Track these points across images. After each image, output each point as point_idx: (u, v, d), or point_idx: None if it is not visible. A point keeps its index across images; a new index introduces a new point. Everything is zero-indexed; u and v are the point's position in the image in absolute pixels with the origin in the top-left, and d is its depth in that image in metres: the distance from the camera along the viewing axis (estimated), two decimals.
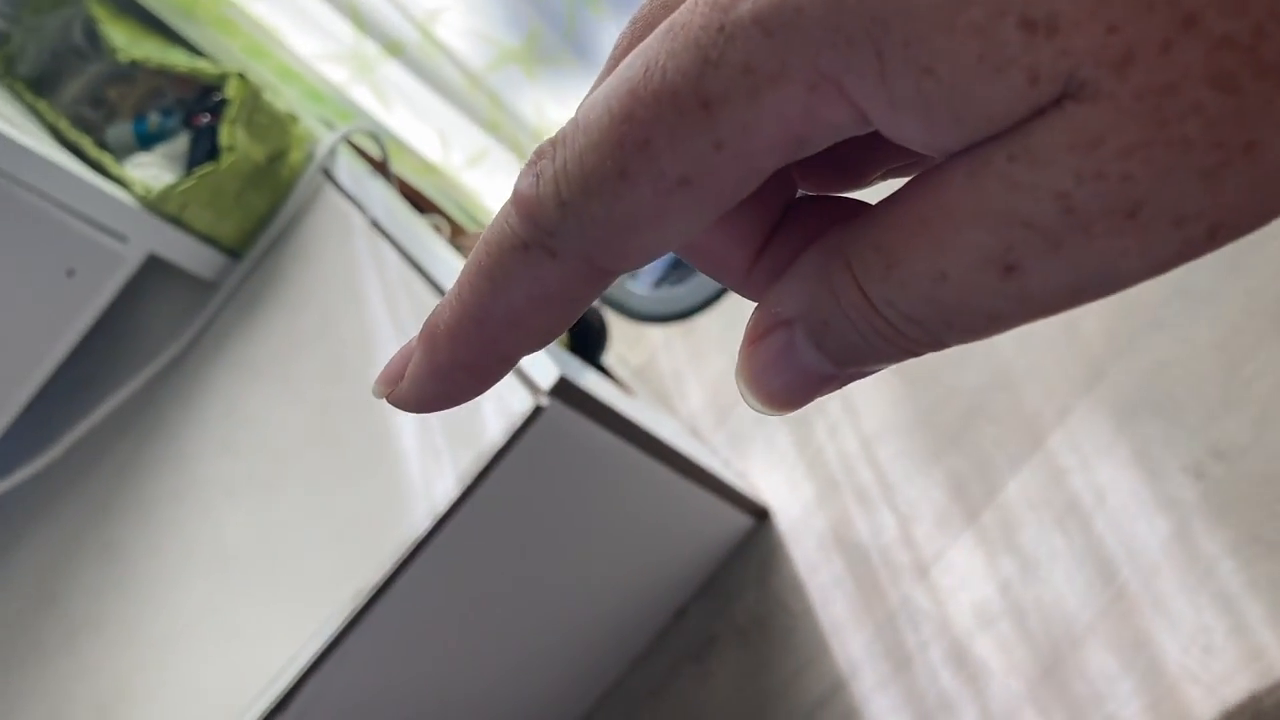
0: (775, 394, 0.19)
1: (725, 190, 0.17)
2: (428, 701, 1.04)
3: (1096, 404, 1.16)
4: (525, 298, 0.19)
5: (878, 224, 0.17)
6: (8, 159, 0.81)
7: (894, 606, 1.17)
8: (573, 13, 1.18)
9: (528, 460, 0.85)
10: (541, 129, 1.33)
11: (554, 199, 0.17)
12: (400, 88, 1.17)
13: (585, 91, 0.86)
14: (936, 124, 0.15)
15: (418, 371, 0.21)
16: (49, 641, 0.94)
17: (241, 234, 0.96)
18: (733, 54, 0.15)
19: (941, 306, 0.16)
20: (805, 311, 0.18)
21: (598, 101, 0.17)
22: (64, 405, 0.98)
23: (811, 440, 1.28)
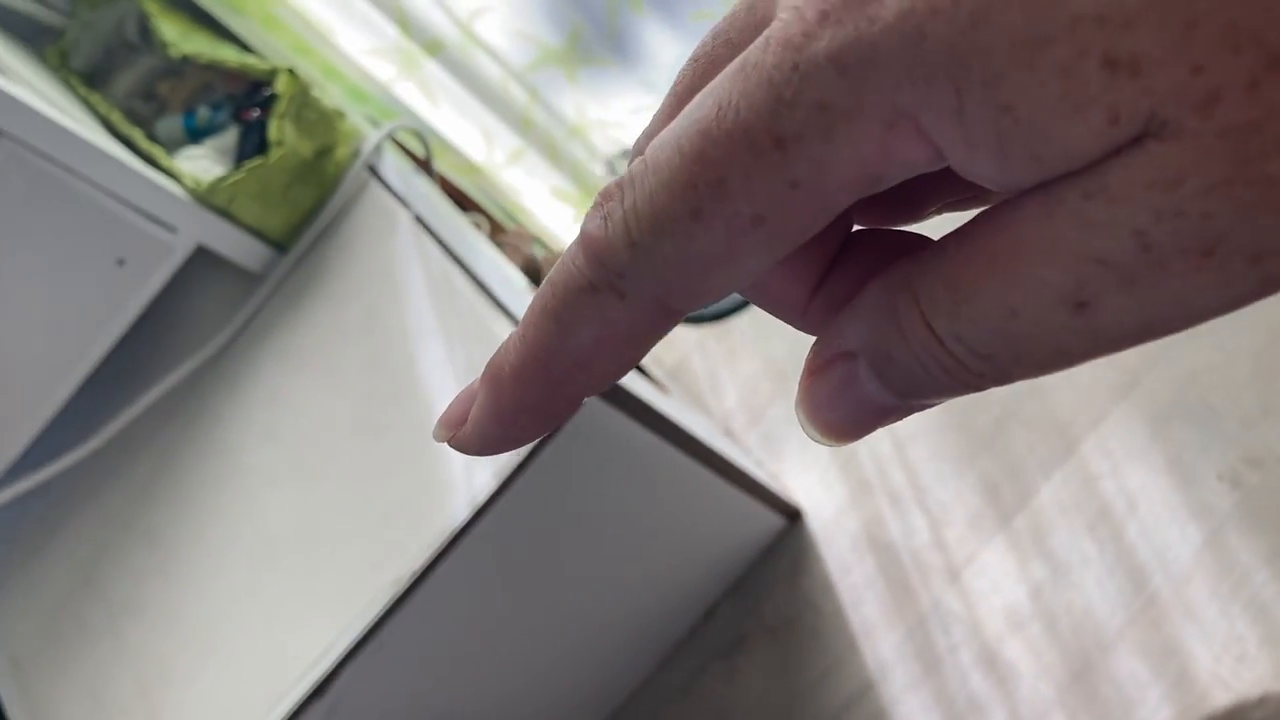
0: (834, 425, 0.19)
1: (798, 228, 0.17)
2: (460, 691, 1.05)
3: (1131, 410, 1.16)
4: (593, 340, 0.19)
5: (947, 260, 0.17)
6: (63, 149, 0.83)
7: (925, 609, 1.17)
8: (614, 10, 1.19)
9: (565, 454, 0.86)
10: (582, 127, 1.34)
11: (624, 240, 0.17)
12: (446, 84, 1.19)
13: (625, 92, 0.89)
14: (1012, 162, 0.15)
15: (481, 414, 0.20)
16: (92, 623, 0.96)
17: (288, 227, 0.98)
18: (807, 92, 0.15)
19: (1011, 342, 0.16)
20: (869, 345, 0.18)
21: (667, 141, 0.17)
22: (111, 393, 1.00)
23: (846, 445, 1.28)
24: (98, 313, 0.91)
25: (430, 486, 0.85)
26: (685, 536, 1.15)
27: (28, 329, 0.88)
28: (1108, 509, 1.14)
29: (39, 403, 0.92)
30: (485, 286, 0.89)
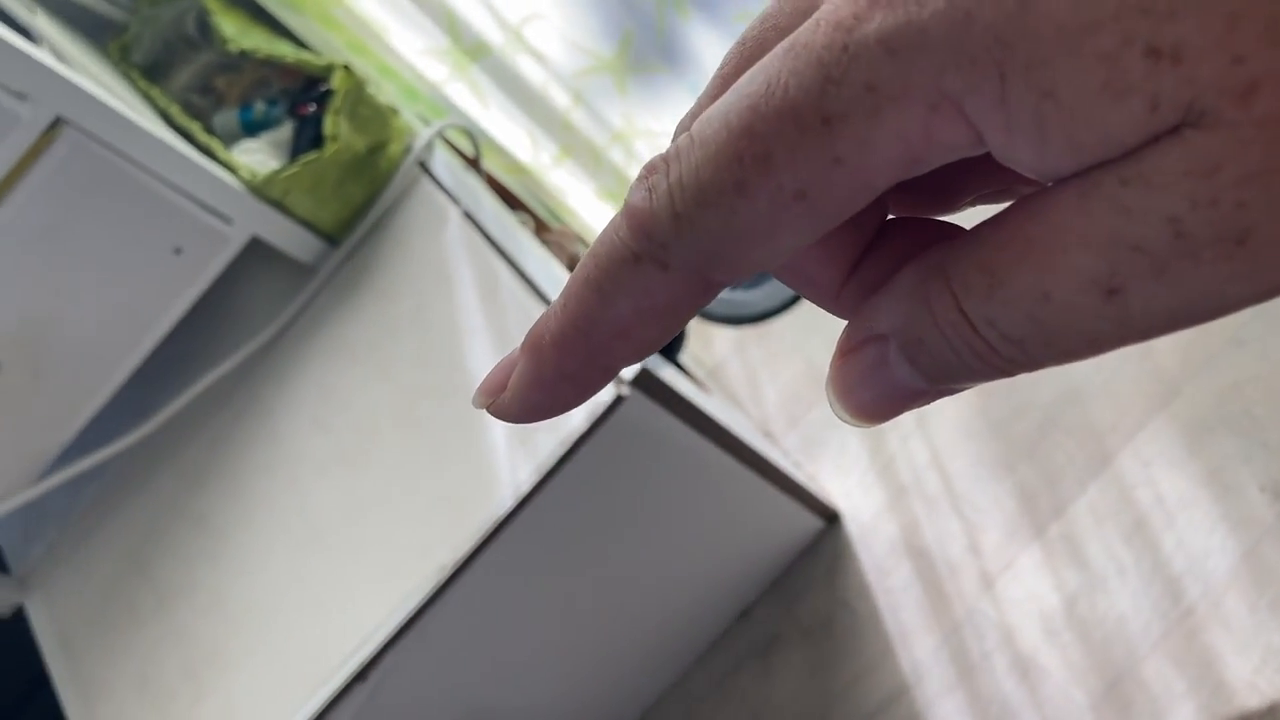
0: (865, 406, 0.20)
1: (839, 205, 0.17)
2: (497, 681, 1.06)
3: (1171, 420, 1.15)
4: (633, 309, 0.19)
5: (982, 244, 0.17)
6: (126, 140, 0.85)
7: (960, 614, 1.18)
8: (662, 12, 1.20)
9: (607, 449, 0.87)
10: (627, 134, 1.35)
11: (668, 211, 0.18)
12: (492, 87, 1.20)
13: (674, 100, 0.90)
14: (1052, 147, 0.16)
15: (521, 382, 0.21)
16: (142, 606, 0.98)
17: (340, 221, 1.00)
18: (856, 73, 0.16)
19: (1042, 327, 0.17)
20: (901, 328, 0.19)
21: (715, 116, 0.17)
22: (164, 379, 1.03)
23: (884, 447, 1.29)
24: (154, 300, 0.93)
25: (474, 477, 0.86)
26: (723, 535, 1.16)
27: (87, 313, 0.90)
28: (1146, 519, 1.13)
29: (95, 386, 0.95)
30: (532, 282, 0.90)
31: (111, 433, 1.00)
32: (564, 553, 0.97)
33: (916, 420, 1.28)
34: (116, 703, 0.96)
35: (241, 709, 0.89)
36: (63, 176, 0.83)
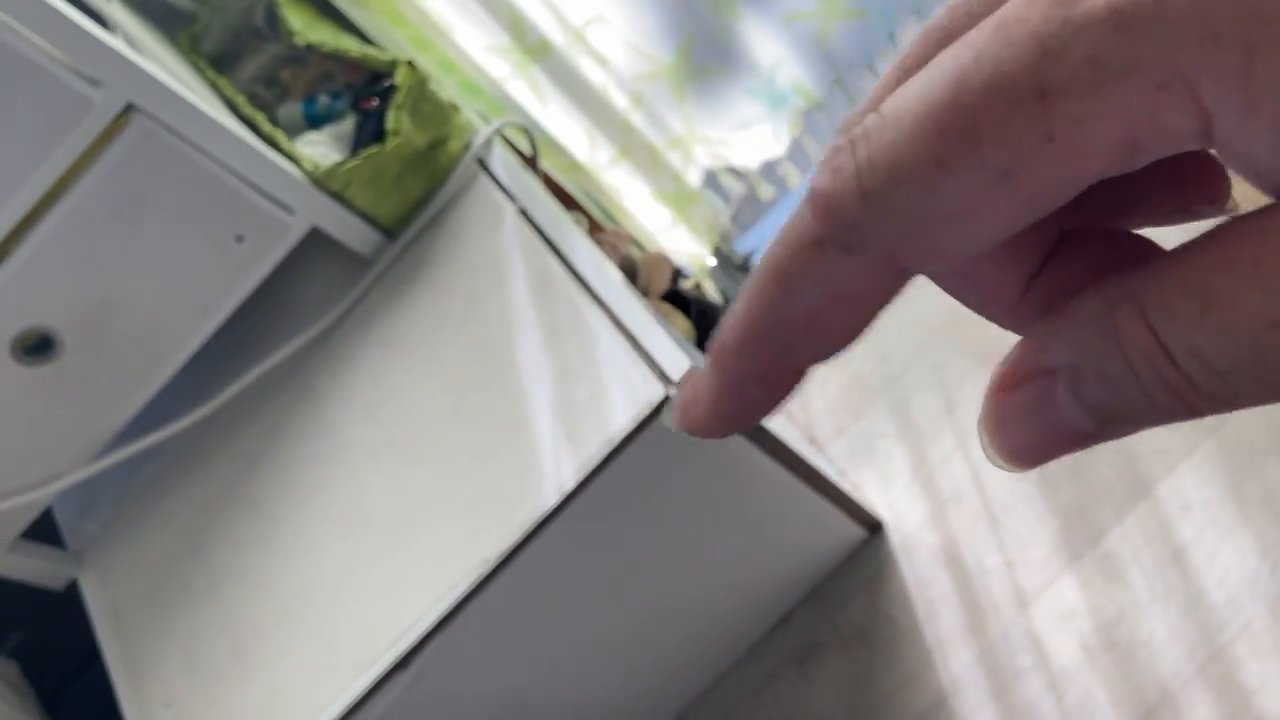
0: (1020, 450, 0.18)
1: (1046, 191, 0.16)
2: (536, 676, 1.07)
3: (1220, 445, 1.14)
4: (818, 299, 0.18)
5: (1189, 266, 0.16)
6: (194, 128, 0.87)
7: (999, 630, 1.17)
8: (718, 11, 1.21)
9: (653, 449, 0.88)
10: (685, 139, 1.36)
11: (856, 190, 0.16)
12: (552, 86, 1.22)
13: (732, 103, 0.90)
14: None
15: (708, 392, 0.20)
16: (193, 586, 1.00)
17: (398, 215, 1.01)
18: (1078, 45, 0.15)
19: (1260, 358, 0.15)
20: (1076, 360, 0.17)
21: (911, 93, 0.16)
22: (222, 364, 1.05)
23: (928, 460, 1.28)
24: (215, 286, 0.95)
25: (521, 472, 0.87)
26: (766, 540, 1.16)
27: (149, 297, 0.93)
28: (1191, 544, 1.12)
29: (155, 369, 0.97)
30: (584, 280, 0.91)
31: (168, 415, 1.02)
32: (606, 550, 0.98)
33: (960, 434, 1.27)
34: (165, 680, 0.98)
35: (286, 691, 0.91)
36: (131, 162, 0.85)
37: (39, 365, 0.92)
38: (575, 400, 0.87)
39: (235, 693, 0.94)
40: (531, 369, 0.90)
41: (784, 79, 1.29)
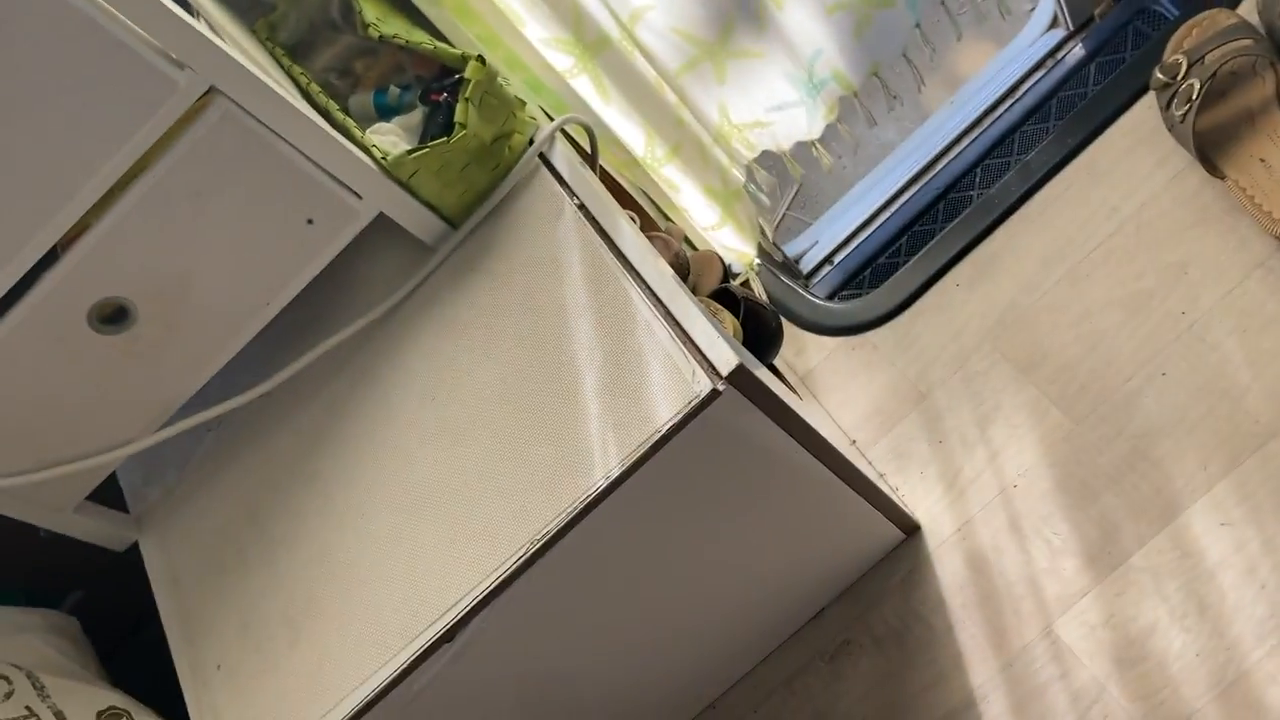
0: None
1: None
2: (573, 657, 1.10)
3: (1262, 464, 1.15)
4: None
5: None
6: (272, 113, 0.90)
7: (1031, 638, 1.18)
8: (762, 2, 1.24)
9: (698, 441, 0.90)
10: (725, 133, 1.39)
11: None
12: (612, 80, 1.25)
13: (770, 85, 0.92)
14: None
15: None
16: (249, 553, 1.04)
17: (461, 205, 1.04)
18: None
19: None
20: None
21: None
22: (286, 341, 1.09)
23: (969, 466, 1.30)
24: (284, 266, 0.99)
25: (569, 456, 0.90)
26: (803, 536, 1.18)
27: (220, 274, 0.96)
28: (1226, 562, 1.13)
29: (223, 343, 1.01)
30: (638, 275, 0.94)
31: (233, 388, 1.06)
32: (648, 537, 1.01)
33: (1003, 441, 1.29)
34: (218, 641, 1.02)
35: (334, 657, 0.95)
36: (211, 143, 0.89)
37: (113, 334, 0.96)
38: (625, 389, 0.90)
39: (285, 657, 0.98)
40: (583, 357, 0.93)
41: (823, 67, 1.32)
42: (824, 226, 1.74)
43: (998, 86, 1.66)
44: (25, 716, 0.95)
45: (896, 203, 1.65)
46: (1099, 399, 1.25)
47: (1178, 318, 1.24)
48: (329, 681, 0.94)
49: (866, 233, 1.66)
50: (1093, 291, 1.31)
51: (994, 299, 1.37)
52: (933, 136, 1.69)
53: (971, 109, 1.67)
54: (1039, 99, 1.59)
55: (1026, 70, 1.64)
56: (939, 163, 1.65)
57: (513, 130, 1.04)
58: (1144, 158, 1.35)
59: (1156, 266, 1.28)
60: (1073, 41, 1.62)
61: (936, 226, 1.56)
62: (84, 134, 0.83)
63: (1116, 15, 1.57)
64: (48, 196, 0.85)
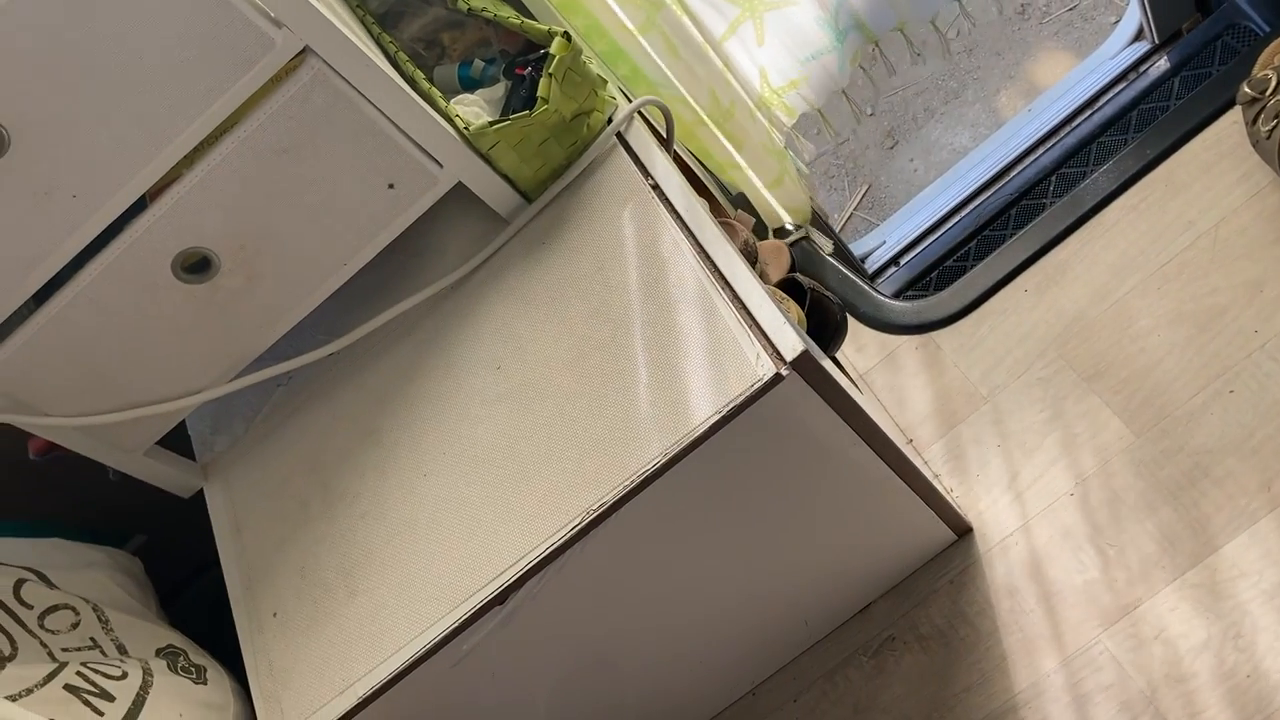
0: None
1: None
2: (621, 630, 1.12)
3: None
4: None
5: None
6: (361, 77, 0.92)
7: (1081, 645, 1.18)
8: None
9: (758, 423, 0.91)
10: (765, 98, 1.40)
11: None
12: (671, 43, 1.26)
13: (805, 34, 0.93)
14: None
15: None
16: (310, 506, 1.07)
17: (537, 178, 1.06)
18: None
19: None
20: None
21: None
22: (359, 301, 1.11)
23: (1026, 471, 1.29)
24: (363, 227, 1.01)
25: (630, 430, 0.92)
26: (855, 529, 1.19)
27: (303, 232, 0.99)
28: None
29: (300, 299, 1.03)
30: (710, 257, 0.95)
31: (303, 344, 1.09)
32: (700, 517, 1.02)
33: (1062, 449, 1.28)
34: (275, 590, 1.05)
35: (387, 612, 0.97)
36: (301, 102, 0.91)
37: (195, 284, 0.98)
38: (689, 368, 0.91)
39: (340, 609, 1.00)
40: (649, 335, 0.94)
41: (845, 15, 1.33)
42: (892, 227, 1.73)
43: (1077, 97, 1.65)
44: (89, 646, 0.98)
45: (968, 207, 1.65)
46: (1162, 412, 1.24)
47: (1250, 336, 1.23)
48: (381, 635, 0.96)
49: (936, 235, 1.65)
50: (1163, 304, 1.29)
51: (1062, 306, 1.36)
52: (1008, 143, 1.68)
53: (1049, 117, 1.66)
54: (1119, 110, 1.58)
55: (1108, 81, 1.63)
56: (1013, 169, 1.65)
57: (593, 108, 1.06)
58: (1225, 173, 1.33)
59: (1231, 283, 1.27)
60: (1158, 54, 1.60)
61: (1007, 232, 1.55)
62: (182, 86, 0.85)
63: (1205, 29, 1.55)
64: (143, 145, 0.87)
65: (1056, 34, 2.03)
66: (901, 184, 2.04)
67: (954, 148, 2.02)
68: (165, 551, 1.33)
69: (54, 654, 0.95)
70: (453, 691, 1.04)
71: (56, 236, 0.89)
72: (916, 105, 2.10)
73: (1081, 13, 2.03)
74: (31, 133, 0.83)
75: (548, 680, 1.14)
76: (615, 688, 1.22)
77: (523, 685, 1.12)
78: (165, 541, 1.35)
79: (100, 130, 0.85)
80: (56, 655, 0.95)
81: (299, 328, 1.07)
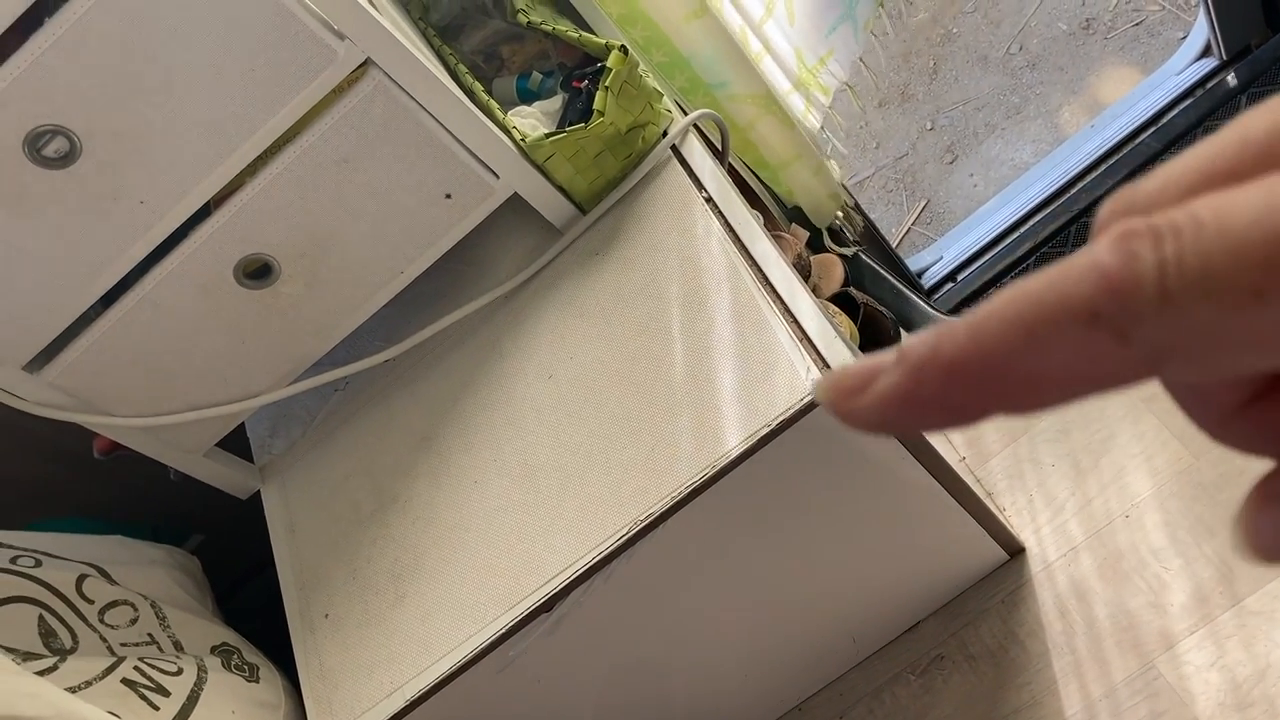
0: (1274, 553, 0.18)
1: None
2: (667, 641, 1.12)
3: None
4: (1062, 368, 0.17)
5: None
6: (422, 89, 0.94)
7: (1133, 670, 1.16)
8: None
9: (805, 439, 0.91)
10: (803, 79, 1.40)
11: (1156, 288, 0.16)
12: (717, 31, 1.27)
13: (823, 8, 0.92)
14: None
15: (890, 393, 0.19)
16: (363, 509, 1.08)
17: (592, 190, 1.07)
18: None
19: None
20: None
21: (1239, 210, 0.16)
22: (415, 309, 1.13)
23: (1080, 492, 1.28)
24: (421, 236, 1.02)
25: (679, 443, 0.92)
26: (905, 547, 1.18)
27: (362, 239, 1.01)
28: None
29: (358, 306, 1.05)
30: (763, 272, 0.95)
31: (361, 350, 1.11)
32: (747, 530, 1.02)
33: (1117, 470, 1.26)
34: (328, 592, 1.07)
35: (436, 615, 0.98)
36: (363, 113, 0.93)
37: (257, 289, 1.01)
38: (738, 382, 0.91)
39: (390, 611, 1.01)
40: (700, 348, 0.95)
41: None
42: (950, 242, 1.72)
43: (1141, 113, 1.63)
44: (147, 643, 1.00)
45: (1027, 223, 1.63)
46: None
47: None
48: (430, 639, 0.98)
49: (994, 251, 1.64)
50: None
51: None
52: (1069, 159, 1.66)
53: (1112, 134, 1.64)
54: (1184, 128, 1.56)
55: (1173, 98, 1.61)
56: (1074, 186, 1.63)
57: (648, 121, 1.06)
58: None
59: None
60: (1225, 71, 1.57)
61: (1067, 250, 1.53)
62: (247, 95, 0.87)
63: (1275, 46, 1.52)
64: (208, 153, 0.89)
65: (1121, 49, 2.00)
66: (960, 199, 2.02)
67: (1014, 163, 2.00)
68: (222, 551, 1.35)
69: (113, 648, 0.98)
70: (498, 697, 1.05)
71: (124, 242, 0.92)
72: (977, 120, 2.09)
73: (1148, 28, 2.00)
74: (102, 141, 0.85)
75: (593, 688, 1.14)
76: (660, 700, 1.22)
77: (568, 693, 1.12)
78: (222, 541, 1.38)
79: (168, 139, 0.87)
80: (115, 650, 0.97)
81: (356, 333, 1.09)
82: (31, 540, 1.06)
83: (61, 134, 0.84)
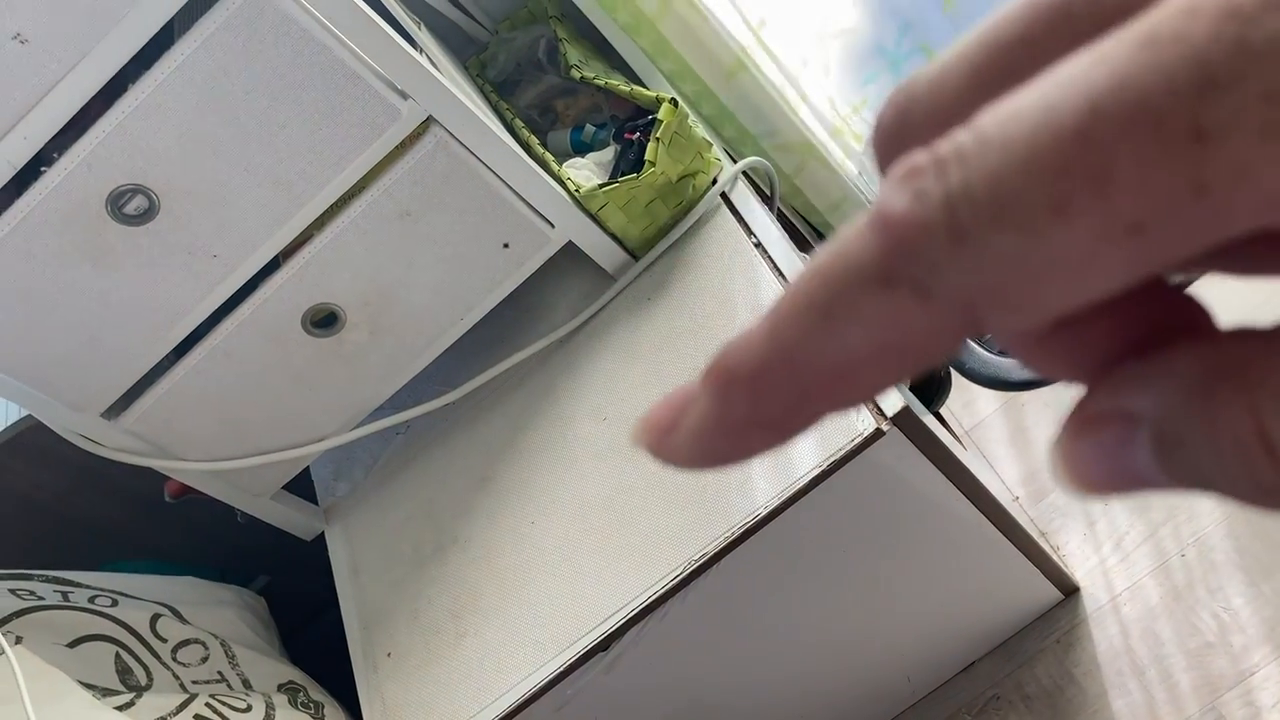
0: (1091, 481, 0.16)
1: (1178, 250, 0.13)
2: (720, 680, 1.13)
3: None
4: (869, 344, 0.15)
5: None
6: (481, 144, 0.98)
7: (1191, 714, 1.15)
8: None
9: (857, 480, 0.93)
10: (839, 129, 1.42)
11: (945, 225, 0.14)
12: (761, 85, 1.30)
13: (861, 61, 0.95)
14: None
15: (701, 424, 0.17)
16: (424, 550, 1.11)
17: (644, 237, 1.10)
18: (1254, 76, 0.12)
19: None
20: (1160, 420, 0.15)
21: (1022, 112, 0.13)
22: (473, 355, 1.16)
23: (1138, 529, 1.27)
24: (480, 285, 1.06)
25: (731, 485, 0.94)
26: (958, 586, 1.18)
27: (423, 288, 1.04)
28: None
29: (419, 352, 1.09)
30: None
31: (422, 394, 1.14)
32: (801, 570, 1.03)
33: (1174, 507, 1.26)
34: (390, 630, 1.09)
35: (496, 653, 1.00)
36: (425, 168, 0.97)
37: (323, 337, 1.05)
38: None
39: (450, 650, 1.04)
40: None
41: (909, 41, 1.35)
42: None
43: None
44: (217, 680, 1.04)
45: None
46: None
47: None
48: (488, 678, 1.00)
49: None
50: None
51: None
52: None
53: None
54: None
55: None
56: None
57: (698, 170, 1.09)
58: None
59: None
60: None
61: None
62: (316, 154, 0.92)
63: None
64: (279, 209, 0.94)
65: None
66: None
67: None
68: (288, 591, 1.39)
69: (185, 685, 1.01)
70: None
71: (197, 294, 0.96)
72: None
73: None
74: (178, 198, 0.90)
75: None
76: None
77: None
78: (288, 582, 1.41)
79: (240, 196, 0.92)
80: (187, 687, 1.01)
81: (418, 378, 1.12)
82: (108, 580, 1.10)
83: (141, 192, 0.89)
